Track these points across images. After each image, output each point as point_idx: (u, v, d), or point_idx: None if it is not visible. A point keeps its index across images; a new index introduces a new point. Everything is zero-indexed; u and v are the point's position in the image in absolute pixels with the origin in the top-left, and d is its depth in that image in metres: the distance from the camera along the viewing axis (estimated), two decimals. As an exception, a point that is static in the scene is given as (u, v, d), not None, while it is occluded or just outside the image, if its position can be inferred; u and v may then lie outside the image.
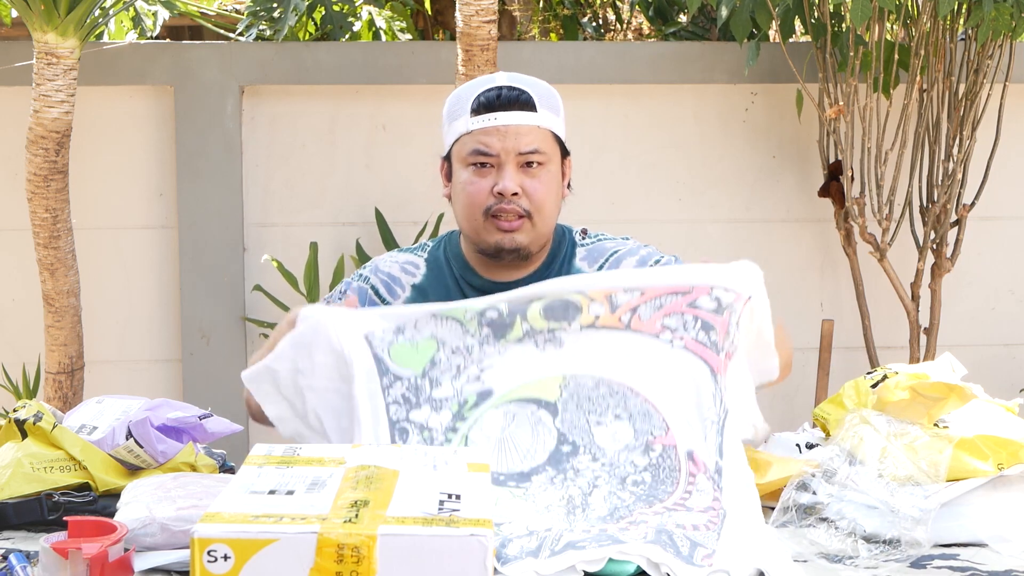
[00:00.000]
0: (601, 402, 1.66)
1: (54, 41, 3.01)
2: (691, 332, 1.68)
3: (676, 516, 1.54)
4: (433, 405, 1.65)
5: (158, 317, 3.61)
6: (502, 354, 1.68)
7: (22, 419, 1.69)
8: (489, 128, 1.95)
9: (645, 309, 1.69)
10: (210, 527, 1.10)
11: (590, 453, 1.62)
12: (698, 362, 1.66)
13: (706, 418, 1.65)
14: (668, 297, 1.69)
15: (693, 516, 1.55)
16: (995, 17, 3.20)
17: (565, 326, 1.68)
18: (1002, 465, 1.63)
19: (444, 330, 1.69)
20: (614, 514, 1.55)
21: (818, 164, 3.57)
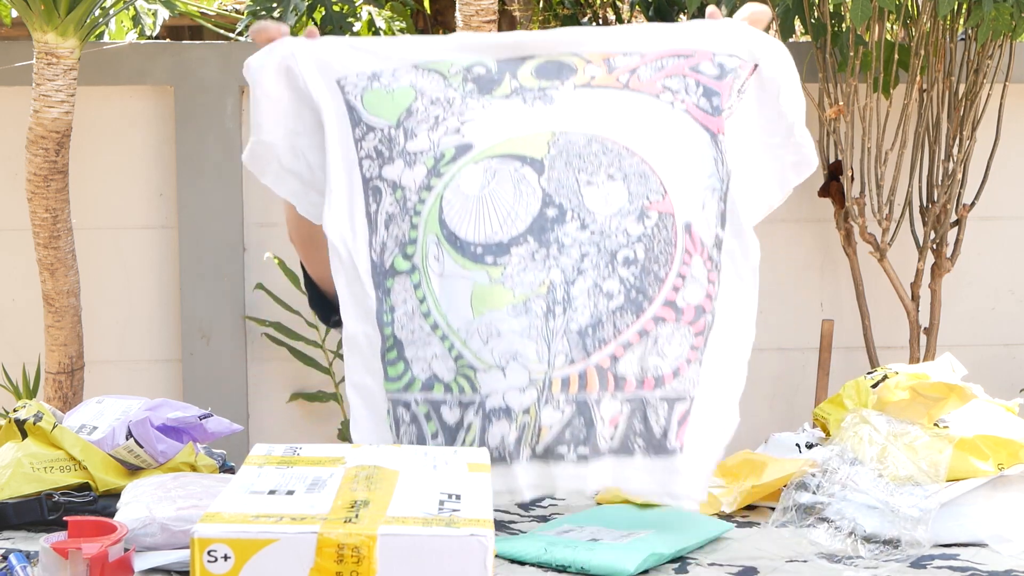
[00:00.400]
0: (593, 160, 1.52)
1: (54, 41, 3.01)
2: (692, 97, 1.56)
3: (661, 347, 1.48)
4: (407, 159, 1.51)
5: (158, 317, 3.61)
6: (486, 108, 1.54)
7: (22, 419, 1.69)
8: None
9: (645, 70, 1.57)
10: (210, 527, 1.10)
11: (578, 219, 1.50)
12: (699, 128, 1.55)
13: (707, 185, 1.54)
14: (670, 59, 1.57)
15: (677, 343, 1.50)
16: (995, 17, 3.20)
17: (557, 84, 1.55)
18: (1002, 465, 1.63)
19: (424, 80, 1.55)
20: (595, 334, 1.47)
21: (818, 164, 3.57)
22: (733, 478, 1.74)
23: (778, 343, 3.68)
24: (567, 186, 1.51)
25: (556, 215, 1.50)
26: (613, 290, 1.49)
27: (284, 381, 3.61)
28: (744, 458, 1.77)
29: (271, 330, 3.53)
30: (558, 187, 1.50)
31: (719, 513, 1.70)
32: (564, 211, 1.50)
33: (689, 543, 1.54)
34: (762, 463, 1.75)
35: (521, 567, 1.49)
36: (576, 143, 1.52)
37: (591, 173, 1.51)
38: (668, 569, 1.49)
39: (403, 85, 1.55)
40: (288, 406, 3.61)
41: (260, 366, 3.61)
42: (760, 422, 3.60)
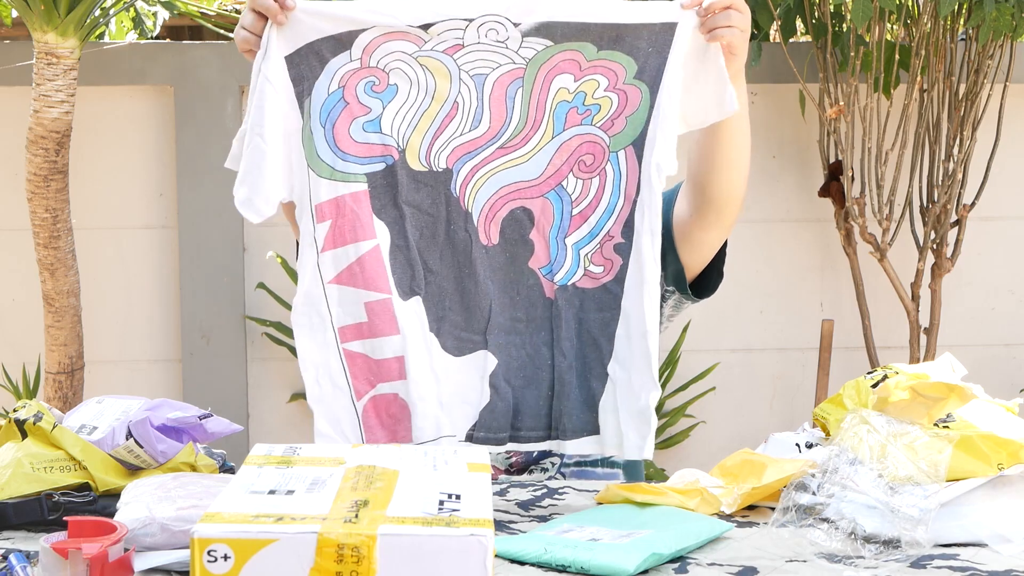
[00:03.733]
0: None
1: (54, 41, 3.01)
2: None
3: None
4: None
5: (158, 317, 3.61)
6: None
7: (22, 419, 1.69)
8: None
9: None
10: (210, 527, 1.10)
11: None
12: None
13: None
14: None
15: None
16: (996, 17, 3.20)
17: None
18: (1002, 465, 1.63)
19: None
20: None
21: (818, 164, 3.57)
22: (733, 479, 1.74)
23: (778, 343, 3.69)
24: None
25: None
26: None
27: (284, 381, 3.62)
28: (744, 458, 1.77)
29: (271, 330, 3.54)
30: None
31: (719, 513, 1.70)
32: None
33: (689, 543, 1.54)
34: (762, 464, 1.75)
35: (521, 567, 1.49)
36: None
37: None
38: (668, 569, 1.49)
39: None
40: (288, 406, 3.61)
41: (260, 366, 3.61)
42: (760, 422, 3.61)
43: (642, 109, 1.76)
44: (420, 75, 1.74)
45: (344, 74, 1.74)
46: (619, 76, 1.75)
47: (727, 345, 3.64)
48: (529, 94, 1.75)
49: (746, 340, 3.65)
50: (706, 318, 3.52)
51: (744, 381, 3.66)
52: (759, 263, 3.68)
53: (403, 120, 1.76)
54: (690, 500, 1.69)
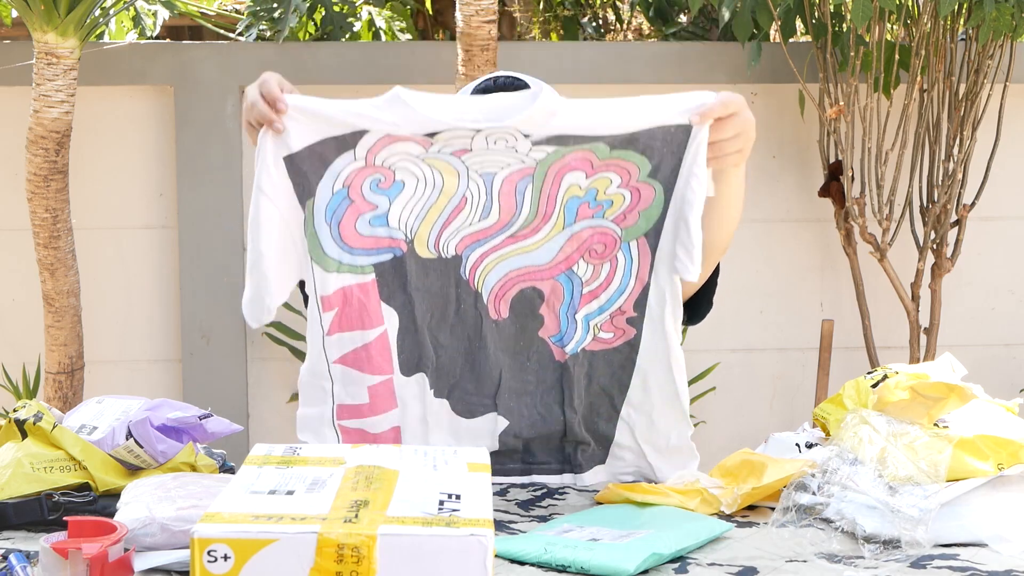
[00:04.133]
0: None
1: (54, 41, 3.01)
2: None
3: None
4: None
5: (158, 317, 3.61)
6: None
7: (22, 419, 1.69)
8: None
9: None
10: (210, 527, 1.10)
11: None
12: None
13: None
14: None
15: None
16: (996, 17, 3.20)
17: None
18: (1002, 465, 1.63)
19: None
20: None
21: (818, 164, 3.57)
22: (733, 479, 1.74)
23: (778, 343, 3.69)
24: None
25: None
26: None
27: (284, 381, 3.61)
28: (743, 458, 1.77)
29: (272, 330, 3.53)
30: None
31: (719, 513, 1.70)
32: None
33: (689, 543, 1.54)
34: (762, 464, 1.75)
35: (521, 567, 1.49)
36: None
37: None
38: (668, 569, 1.49)
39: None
40: (288, 406, 3.61)
41: (260, 366, 3.61)
42: (760, 422, 3.61)
43: (656, 206, 1.74)
44: (427, 172, 1.72)
45: (348, 174, 1.72)
46: (632, 175, 1.73)
47: (727, 345, 3.64)
48: (540, 189, 1.73)
49: (746, 340, 3.65)
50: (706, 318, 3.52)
51: (744, 381, 3.66)
52: (759, 263, 3.68)
53: (411, 213, 1.74)
54: (690, 500, 1.69)
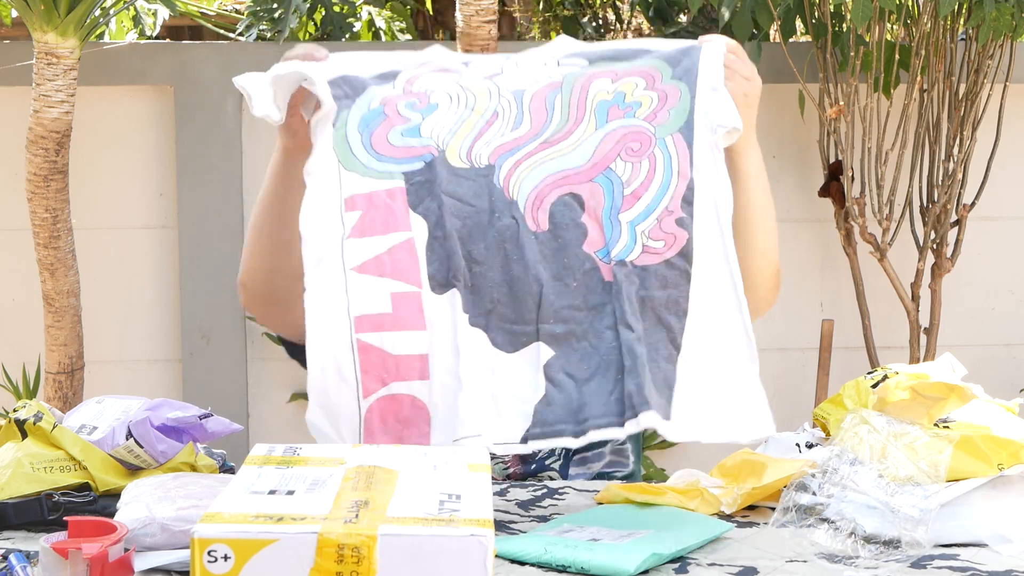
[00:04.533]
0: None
1: (54, 41, 3.01)
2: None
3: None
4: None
5: (158, 317, 3.61)
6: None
7: (22, 419, 1.69)
8: None
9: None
10: (210, 527, 1.10)
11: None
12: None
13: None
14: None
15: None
16: (996, 17, 3.20)
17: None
18: (1002, 465, 1.63)
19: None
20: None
21: (818, 164, 3.57)
22: (733, 479, 1.74)
23: (778, 343, 3.68)
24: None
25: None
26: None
27: (284, 381, 3.61)
28: (743, 458, 1.77)
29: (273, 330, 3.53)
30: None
31: (719, 513, 1.70)
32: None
33: (689, 543, 1.54)
34: (762, 464, 1.75)
35: (521, 567, 1.49)
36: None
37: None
38: (668, 569, 1.49)
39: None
40: (288, 406, 3.61)
41: (260, 366, 3.61)
42: (760, 422, 3.60)
43: (683, 102, 1.71)
44: (460, 93, 1.72)
45: (386, 97, 1.72)
46: (656, 78, 1.73)
47: (727, 345, 3.64)
48: (568, 97, 1.72)
49: (746, 340, 3.64)
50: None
51: (744, 381, 3.65)
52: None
53: (443, 127, 1.71)
54: (690, 500, 1.69)
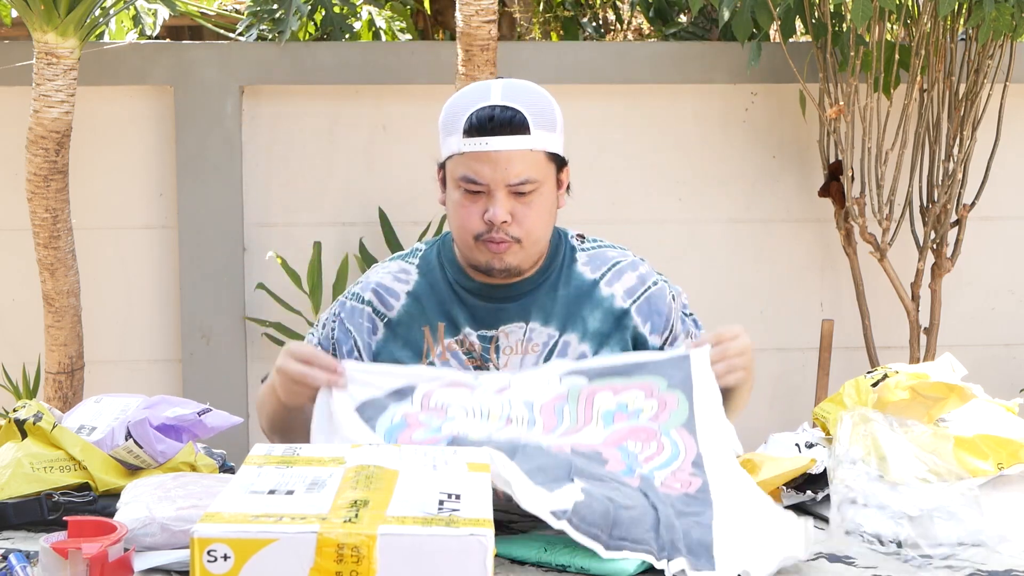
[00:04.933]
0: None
1: (54, 41, 3.01)
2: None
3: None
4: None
5: (158, 317, 3.61)
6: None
7: (22, 419, 1.69)
8: (480, 154, 1.90)
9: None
10: (210, 527, 1.10)
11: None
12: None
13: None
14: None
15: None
16: (996, 17, 3.20)
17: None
18: (1002, 465, 1.63)
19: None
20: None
21: (818, 164, 3.57)
22: None
23: (778, 343, 3.68)
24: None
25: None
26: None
27: (284, 381, 3.61)
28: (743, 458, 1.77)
29: (271, 330, 3.53)
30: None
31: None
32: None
33: (689, 543, 1.54)
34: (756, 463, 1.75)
35: (521, 567, 1.49)
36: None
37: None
38: (668, 569, 1.49)
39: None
40: (288, 406, 3.61)
41: (260, 366, 3.61)
42: (760, 422, 3.60)
43: (682, 407, 1.81)
44: (474, 407, 1.81)
45: (407, 412, 1.79)
46: (654, 389, 1.82)
47: (727, 345, 3.64)
48: (575, 406, 1.82)
49: (746, 340, 3.64)
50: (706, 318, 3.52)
51: (744, 381, 3.65)
52: (759, 263, 3.68)
53: (462, 429, 1.78)
54: None
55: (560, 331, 2.00)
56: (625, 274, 2.05)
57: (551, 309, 2.01)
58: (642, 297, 2.05)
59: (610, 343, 2.01)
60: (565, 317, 2.01)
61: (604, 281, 2.04)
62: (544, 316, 2.01)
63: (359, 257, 3.52)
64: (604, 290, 2.04)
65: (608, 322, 2.02)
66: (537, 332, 2.00)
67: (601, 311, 2.02)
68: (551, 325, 2.00)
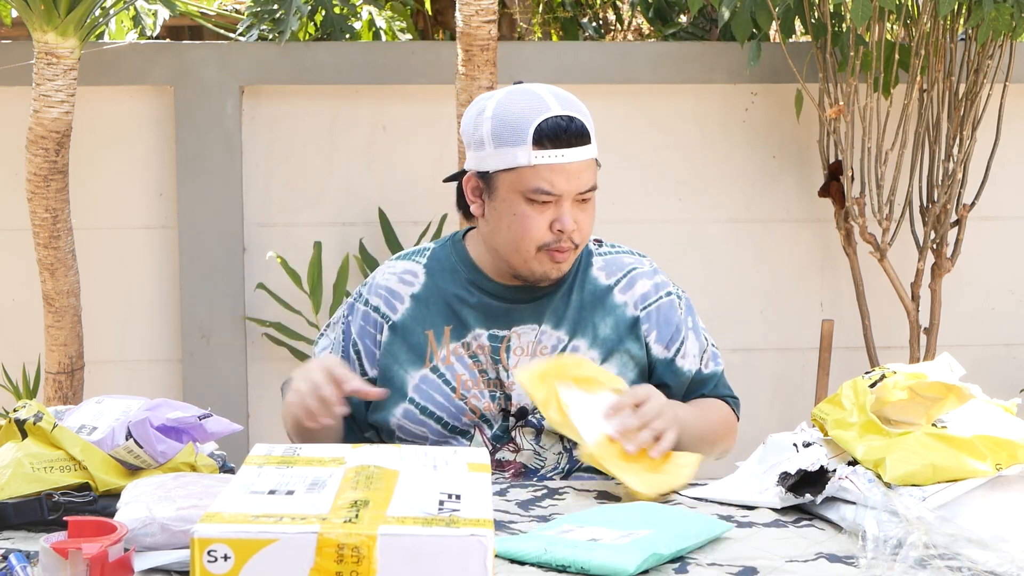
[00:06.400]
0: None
1: (54, 41, 3.02)
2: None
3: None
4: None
5: (158, 317, 3.61)
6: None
7: (22, 419, 1.69)
8: (556, 166, 1.91)
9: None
10: (210, 527, 1.10)
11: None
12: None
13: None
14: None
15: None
16: (995, 17, 3.20)
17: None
18: (1000, 465, 1.63)
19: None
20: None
21: (818, 164, 3.57)
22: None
23: (778, 343, 3.69)
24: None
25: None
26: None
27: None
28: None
29: (271, 330, 3.54)
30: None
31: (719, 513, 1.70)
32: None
33: (689, 543, 1.54)
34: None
35: (521, 567, 1.49)
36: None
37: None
38: (668, 569, 1.49)
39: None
40: (288, 406, 3.61)
41: (260, 366, 3.61)
42: (760, 422, 3.60)
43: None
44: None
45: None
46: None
47: (727, 345, 3.63)
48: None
49: (746, 340, 3.65)
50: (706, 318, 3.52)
51: (744, 381, 3.65)
52: (759, 263, 3.68)
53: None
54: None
55: (570, 336, 2.01)
56: (639, 281, 2.06)
57: (563, 313, 2.02)
58: (653, 305, 2.05)
59: (620, 351, 2.02)
60: (576, 322, 2.02)
61: (618, 288, 2.05)
62: (556, 319, 2.02)
63: (359, 257, 3.52)
64: (618, 297, 2.04)
65: (619, 330, 2.03)
66: (547, 335, 2.01)
67: (613, 318, 2.03)
68: (562, 329, 2.01)
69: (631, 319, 2.03)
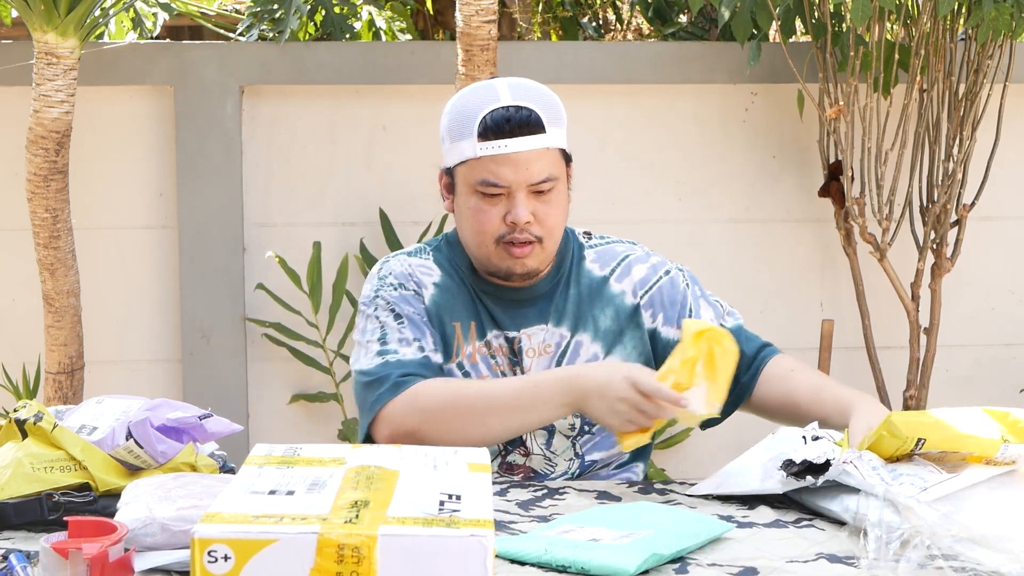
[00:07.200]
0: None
1: (54, 41, 3.01)
2: None
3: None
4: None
5: (158, 317, 3.61)
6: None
7: (22, 419, 1.69)
8: (499, 156, 1.88)
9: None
10: (210, 527, 1.10)
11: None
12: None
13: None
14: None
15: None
16: (995, 17, 3.20)
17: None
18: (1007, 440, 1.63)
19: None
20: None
21: (818, 164, 3.57)
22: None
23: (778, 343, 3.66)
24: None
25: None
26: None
27: (284, 381, 3.61)
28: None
29: (271, 330, 3.53)
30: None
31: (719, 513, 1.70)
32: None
33: (689, 543, 1.54)
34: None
35: (521, 567, 1.49)
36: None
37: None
38: (668, 569, 1.49)
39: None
40: (288, 407, 3.61)
41: (260, 366, 3.61)
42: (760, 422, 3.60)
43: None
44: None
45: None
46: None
47: (727, 345, 3.65)
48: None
49: (746, 340, 3.64)
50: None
51: (744, 381, 3.65)
52: (759, 263, 3.68)
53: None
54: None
55: (572, 331, 2.00)
56: (635, 267, 2.05)
57: (563, 309, 2.01)
58: (654, 287, 2.04)
59: (623, 341, 2.01)
60: (576, 317, 2.00)
61: (614, 277, 2.04)
62: (558, 317, 2.00)
63: (359, 257, 3.52)
64: (614, 287, 2.03)
65: (620, 320, 2.01)
66: (551, 333, 2.00)
67: (612, 308, 2.01)
68: (563, 325, 2.00)
69: (631, 307, 2.02)
